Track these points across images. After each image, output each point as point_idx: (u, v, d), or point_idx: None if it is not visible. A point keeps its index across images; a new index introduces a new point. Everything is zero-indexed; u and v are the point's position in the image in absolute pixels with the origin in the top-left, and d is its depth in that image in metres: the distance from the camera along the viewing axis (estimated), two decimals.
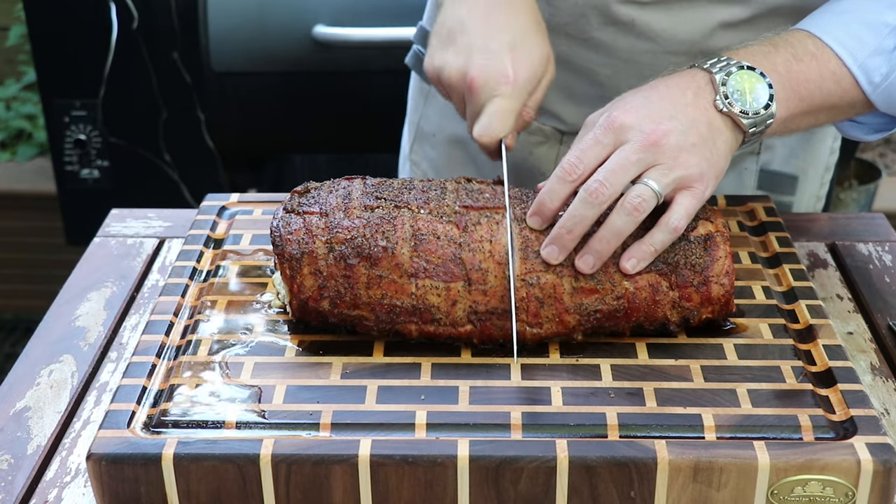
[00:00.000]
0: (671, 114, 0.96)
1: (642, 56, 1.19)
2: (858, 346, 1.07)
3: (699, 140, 0.96)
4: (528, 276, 0.94)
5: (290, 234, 0.97)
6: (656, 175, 0.94)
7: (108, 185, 2.42)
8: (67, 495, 0.90)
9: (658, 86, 1.00)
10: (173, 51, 2.28)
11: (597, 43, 1.20)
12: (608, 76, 1.22)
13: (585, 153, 0.95)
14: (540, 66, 1.05)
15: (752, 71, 0.99)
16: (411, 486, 0.84)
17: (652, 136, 0.94)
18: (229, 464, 0.84)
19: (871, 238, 1.26)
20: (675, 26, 1.17)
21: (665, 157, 0.94)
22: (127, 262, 1.22)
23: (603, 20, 1.18)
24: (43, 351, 1.08)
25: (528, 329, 0.95)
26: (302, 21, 2.21)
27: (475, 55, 1.02)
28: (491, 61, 1.02)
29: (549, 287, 0.94)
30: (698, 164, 0.96)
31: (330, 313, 0.96)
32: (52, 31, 2.29)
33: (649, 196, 0.94)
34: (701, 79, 1.00)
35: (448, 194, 0.99)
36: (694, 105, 0.98)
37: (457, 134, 1.35)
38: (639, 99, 0.98)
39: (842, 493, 0.83)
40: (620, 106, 0.98)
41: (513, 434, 0.86)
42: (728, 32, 1.16)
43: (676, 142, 0.95)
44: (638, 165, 0.94)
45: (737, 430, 0.86)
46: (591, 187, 0.93)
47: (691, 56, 1.17)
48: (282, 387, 0.91)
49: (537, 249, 0.95)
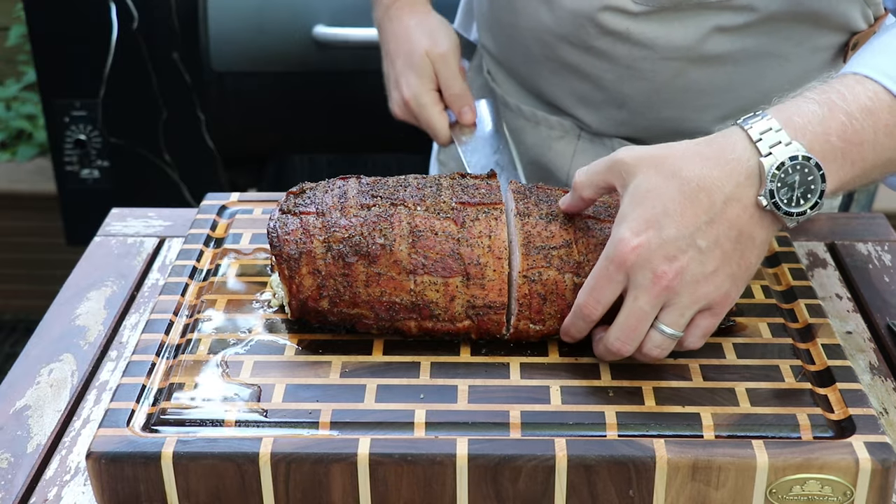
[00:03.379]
0: (691, 236, 0.86)
1: (642, 63, 1.20)
2: (857, 345, 1.07)
3: (721, 262, 0.87)
4: (531, 273, 0.94)
5: (287, 235, 0.97)
6: (673, 318, 0.88)
7: (108, 185, 2.42)
8: (67, 494, 0.90)
9: (692, 167, 0.87)
10: (173, 51, 2.28)
11: (598, 51, 1.22)
12: (612, 81, 1.24)
13: (602, 293, 0.89)
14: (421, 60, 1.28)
15: (807, 162, 0.86)
16: (410, 484, 0.84)
17: (663, 279, 0.86)
18: (229, 462, 0.84)
19: (871, 238, 1.26)
20: (669, 34, 1.17)
21: (681, 297, 0.87)
22: (127, 261, 1.23)
23: (598, 30, 1.20)
24: (43, 350, 1.08)
25: (532, 326, 0.95)
26: (302, 21, 2.21)
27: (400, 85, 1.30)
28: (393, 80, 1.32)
29: (551, 283, 0.94)
30: (719, 288, 0.88)
31: (329, 312, 0.97)
32: (52, 31, 2.29)
33: (668, 344, 0.89)
34: (746, 166, 0.86)
35: (444, 191, 0.99)
36: (723, 213, 0.86)
37: None
38: (663, 199, 0.86)
39: (840, 492, 0.83)
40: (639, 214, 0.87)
41: (512, 433, 0.86)
42: (724, 37, 1.16)
43: (693, 276, 0.86)
44: (654, 311, 0.88)
45: (735, 429, 0.86)
46: (615, 346, 0.90)
47: (690, 61, 1.18)
48: (281, 385, 0.91)
49: (539, 245, 0.95)
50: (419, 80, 1.28)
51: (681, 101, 1.22)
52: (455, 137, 1.30)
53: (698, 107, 1.23)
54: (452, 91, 1.29)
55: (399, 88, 1.30)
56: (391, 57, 1.32)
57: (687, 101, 1.22)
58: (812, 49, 1.20)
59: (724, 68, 1.20)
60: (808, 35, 1.19)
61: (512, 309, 0.95)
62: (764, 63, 1.20)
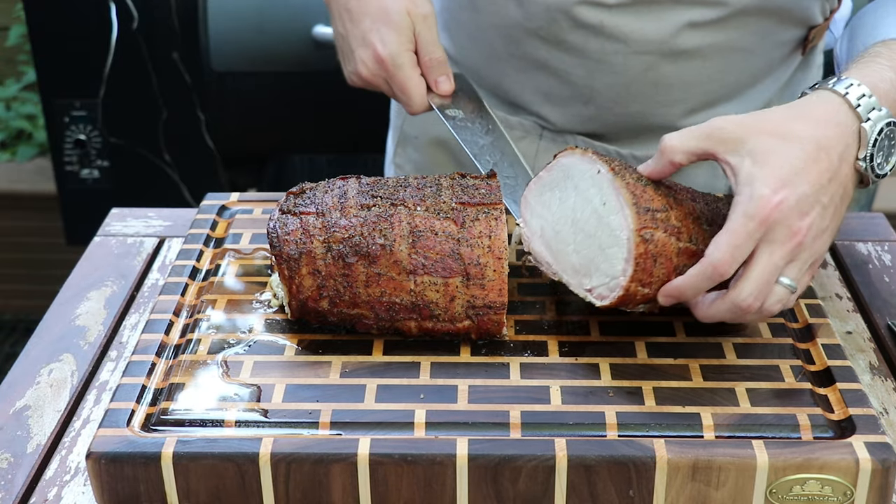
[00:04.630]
0: (817, 193, 0.90)
1: (613, 57, 1.20)
2: (857, 345, 1.07)
3: (833, 219, 0.92)
4: (644, 232, 0.91)
5: (287, 235, 0.97)
6: (795, 273, 0.90)
7: (108, 185, 2.42)
8: (67, 494, 0.90)
9: (806, 129, 0.91)
10: (173, 51, 2.28)
11: (569, 46, 1.21)
12: (581, 76, 1.23)
13: (741, 251, 0.89)
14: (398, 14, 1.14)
15: (895, 127, 0.93)
16: (410, 484, 0.84)
17: (798, 235, 0.89)
18: (228, 462, 0.84)
19: (871, 238, 1.26)
20: (644, 27, 1.18)
21: (805, 251, 0.90)
22: (127, 261, 1.23)
23: (572, 23, 1.20)
24: (43, 350, 1.08)
25: (640, 289, 0.92)
26: (302, 21, 2.21)
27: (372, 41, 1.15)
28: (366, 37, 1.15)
29: (661, 244, 0.92)
30: (826, 243, 0.92)
31: (329, 312, 0.97)
32: (52, 31, 2.29)
33: (789, 300, 0.91)
34: (850, 130, 0.92)
35: (444, 191, 0.99)
36: (839, 172, 0.92)
37: (439, 136, 1.36)
38: (789, 158, 0.90)
39: (840, 492, 0.83)
40: (769, 173, 0.89)
41: (512, 433, 0.86)
42: (697, 31, 1.18)
43: (816, 231, 0.90)
44: (782, 267, 0.90)
45: (735, 429, 0.86)
46: (747, 302, 0.89)
47: (661, 55, 1.19)
48: (281, 386, 0.91)
49: (644, 206, 0.92)
50: (398, 37, 1.14)
51: (649, 95, 1.23)
52: (438, 109, 1.16)
53: (666, 101, 1.24)
54: (433, 55, 1.15)
55: (370, 46, 1.15)
56: (353, 14, 1.17)
57: (655, 95, 1.23)
58: (775, 43, 1.23)
59: (693, 63, 1.21)
60: (772, 29, 1.22)
61: (624, 269, 0.92)
62: (731, 57, 1.22)
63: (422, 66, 1.16)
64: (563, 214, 0.98)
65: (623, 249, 0.92)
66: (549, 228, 1.00)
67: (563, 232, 0.98)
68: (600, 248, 0.94)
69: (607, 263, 0.94)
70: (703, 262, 0.89)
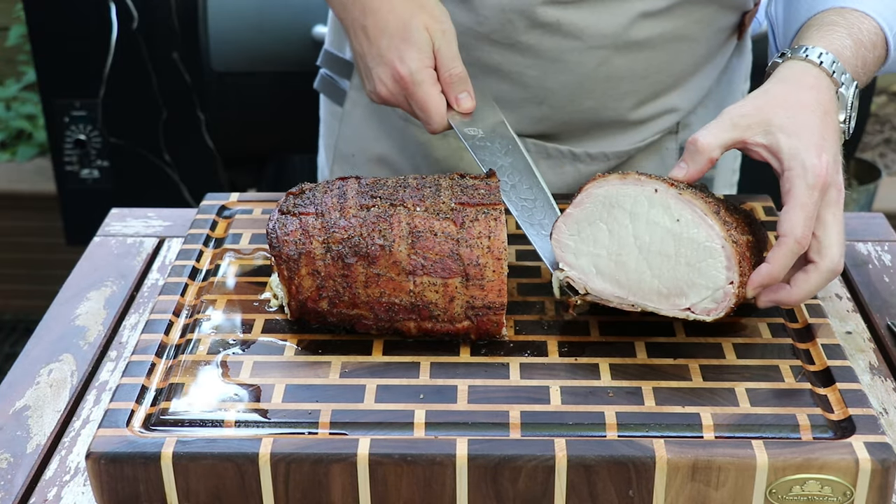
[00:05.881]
0: (837, 151, 0.98)
1: (569, 54, 1.20)
2: (857, 345, 1.07)
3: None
4: (731, 235, 0.93)
5: (286, 236, 0.97)
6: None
7: (108, 185, 2.42)
8: (67, 494, 0.90)
9: (809, 98, 0.99)
10: (173, 51, 2.28)
11: (523, 47, 1.21)
12: (535, 77, 1.22)
13: (812, 219, 0.94)
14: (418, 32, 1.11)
15: (856, 90, 1.03)
16: (410, 484, 0.84)
17: (842, 192, 0.96)
18: (228, 462, 0.84)
19: (871, 238, 1.26)
20: (598, 22, 1.18)
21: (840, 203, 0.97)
22: (127, 261, 1.23)
23: (528, 24, 1.19)
24: (42, 350, 1.08)
25: (740, 290, 0.93)
26: (302, 21, 2.21)
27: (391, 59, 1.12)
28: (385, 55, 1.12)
29: (742, 243, 0.94)
30: None
31: (329, 313, 0.97)
32: (52, 31, 2.29)
33: None
34: (832, 95, 1.01)
35: (443, 191, 0.99)
36: (839, 130, 1.01)
37: (379, 153, 1.34)
38: (811, 125, 0.97)
39: (840, 492, 0.83)
40: (808, 142, 0.96)
41: (511, 433, 0.86)
42: (647, 22, 1.19)
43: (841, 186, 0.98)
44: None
45: (735, 430, 0.86)
46: (840, 265, 0.95)
47: (615, 49, 1.20)
48: (281, 386, 0.91)
49: (715, 210, 0.94)
50: (417, 54, 1.11)
51: (602, 90, 1.24)
52: (456, 128, 1.13)
53: (618, 95, 1.24)
54: (454, 71, 1.12)
55: (389, 64, 1.12)
56: (370, 32, 1.14)
57: (608, 89, 1.24)
58: (716, 30, 1.26)
59: (643, 54, 1.22)
60: (714, 16, 1.24)
61: (728, 277, 0.92)
62: (678, 46, 1.23)
63: (442, 82, 1.13)
64: (623, 244, 0.95)
65: (721, 258, 0.91)
66: (605, 263, 0.96)
67: (628, 262, 0.95)
68: (688, 264, 0.92)
69: (703, 277, 0.92)
70: (785, 240, 0.93)
